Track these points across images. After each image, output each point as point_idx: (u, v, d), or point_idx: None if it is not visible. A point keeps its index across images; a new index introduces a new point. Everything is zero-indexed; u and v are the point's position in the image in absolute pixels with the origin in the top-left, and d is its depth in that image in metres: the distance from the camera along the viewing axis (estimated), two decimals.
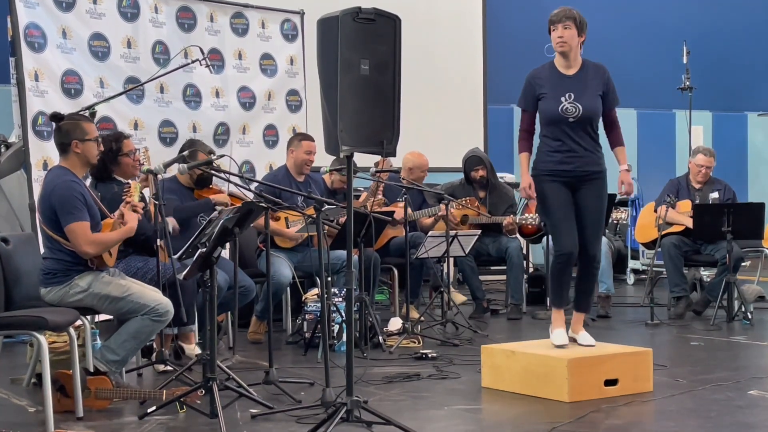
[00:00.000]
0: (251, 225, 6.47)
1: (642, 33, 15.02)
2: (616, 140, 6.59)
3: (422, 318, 8.67)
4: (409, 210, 8.53)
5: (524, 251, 9.88)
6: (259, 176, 9.59)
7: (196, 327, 7.27)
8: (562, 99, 6.35)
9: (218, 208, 7.25)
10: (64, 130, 6.00)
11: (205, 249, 5.57)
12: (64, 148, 6.03)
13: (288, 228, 8.36)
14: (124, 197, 6.12)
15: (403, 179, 9.01)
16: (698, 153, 9.73)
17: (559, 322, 6.47)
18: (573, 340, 6.49)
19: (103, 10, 8.87)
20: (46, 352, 5.44)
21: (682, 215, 9.33)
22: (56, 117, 6.04)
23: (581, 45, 6.51)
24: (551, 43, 6.48)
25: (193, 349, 7.12)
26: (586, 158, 6.43)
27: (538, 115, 6.51)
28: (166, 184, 7.51)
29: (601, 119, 6.54)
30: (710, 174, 9.67)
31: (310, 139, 8.59)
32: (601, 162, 6.51)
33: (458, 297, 10.23)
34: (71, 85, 8.52)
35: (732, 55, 15.59)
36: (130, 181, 6.67)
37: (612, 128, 6.58)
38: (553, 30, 6.41)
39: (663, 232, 9.22)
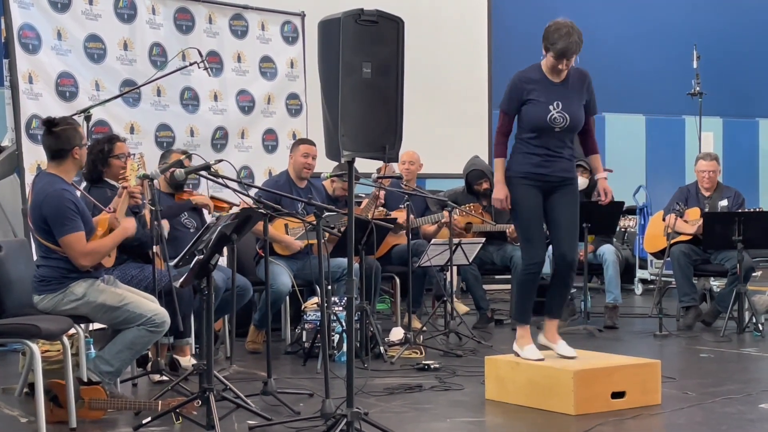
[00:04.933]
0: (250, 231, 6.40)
1: (651, 37, 15.00)
2: (592, 148, 6.58)
3: (424, 328, 8.62)
4: (412, 216, 8.43)
5: None
6: (258, 182, 9.51)
7: (192, 340, 7.25)
8: (551, 108, 6.27)
9: (214, 213, 7.20)
10: (64, 136, 5.88)
11: (202, 256, 5.53)
12: (62, 154, 5.91)
13: (287, 234, 8.26)
14: (120, 181, 6.04)
15: (404, 185, 8.93)
16: (699, 159, 9.73)
17: (528, 339, 6.38)
18: (546, 348, 6.40)
19: (99, 11, 8.81)
20: (39, 361, 5.41)
21: (687, 224, 9.23)
22: (50, 122, 5.89)
23: None
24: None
25: (188, 361, 7.07)
26: (563, 164, 6.39)
27: (518, 118, 6.41)
28: None
29: None
30: (716, 178, 9.60)
31: (309, 142, 8.58)
32: (574, 170, 6.50)
33: (461, 307, 10.15)
34: (66, 87, 8.46)
35: (743, 60, 15.58)
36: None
37: (588, 135, 6.55)
38: (557, 61, 6.23)
39: (672, 241, 9.12)
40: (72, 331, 5.89)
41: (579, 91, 6.37)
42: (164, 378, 6.65)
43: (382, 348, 7.66)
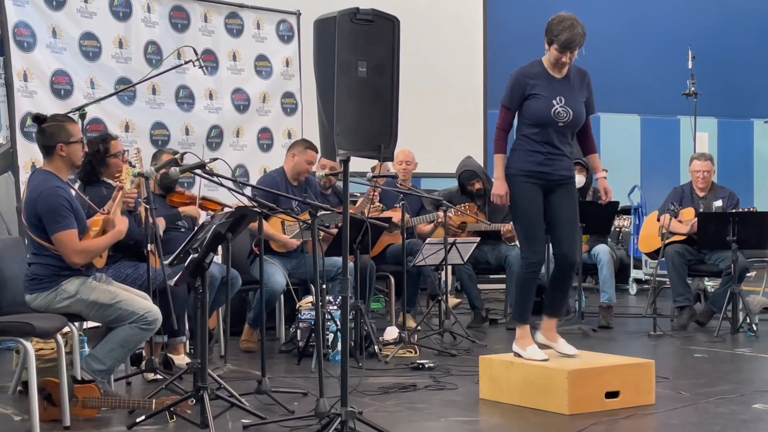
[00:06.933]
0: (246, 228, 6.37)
1: (647, 37, 14.99)
2: (590, 147, 6.58)
3: (419, 327, 8.58)
4: (407, 216, 8.42)
5: None
6: (253, 181, 9.48)
7: (185, 339, 7.22)
8: (554, 102, 6.26)
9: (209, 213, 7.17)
10: (48, 132, 5.90)
11: (197, 254, 5.51)
12: (48, 151, 5.94)
13: (284, 230, 8.25)
14: (116, 183, 6.03)
15: (400, 184, 8.92)
16: (693, 160, 9.73)
17: (529, 339, 6.34)
18: (545, 347, 6.37)
19: (94, 9, 8.79)
20: (33, 360, 5.40)
21: (681, 224, 9.22)
22: (39, 119, 5.93)
23: None
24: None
25: (182, 359, 7.04)
26: (564, 162, 6.37)
27: (519, 114, 6.39)
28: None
29: None
30: (711, 179, 9.60)
31: (316, 150, 8.45)
32: (573, 168, 6.50)
33: (451, 300, 10.14)
34: (61, 85, 8.44)
35: (738, 61, 15.57)
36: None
37: (587, 135, 6.54)
38: (561, 53, 6.23)
39: (667, 241, 9.12)
40: (66, 329, 5.88)
41: (580, 88, 6.36)
42: (158, 376, 6.63)
43: (376, 347, 7.64)
